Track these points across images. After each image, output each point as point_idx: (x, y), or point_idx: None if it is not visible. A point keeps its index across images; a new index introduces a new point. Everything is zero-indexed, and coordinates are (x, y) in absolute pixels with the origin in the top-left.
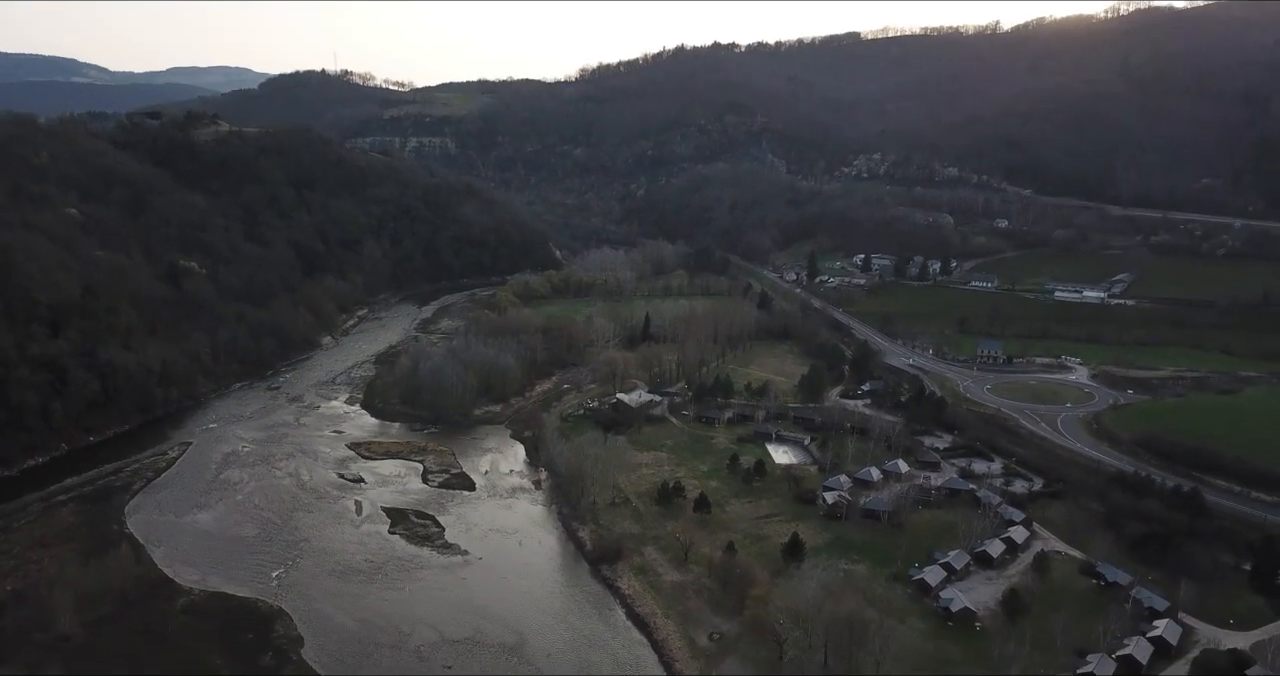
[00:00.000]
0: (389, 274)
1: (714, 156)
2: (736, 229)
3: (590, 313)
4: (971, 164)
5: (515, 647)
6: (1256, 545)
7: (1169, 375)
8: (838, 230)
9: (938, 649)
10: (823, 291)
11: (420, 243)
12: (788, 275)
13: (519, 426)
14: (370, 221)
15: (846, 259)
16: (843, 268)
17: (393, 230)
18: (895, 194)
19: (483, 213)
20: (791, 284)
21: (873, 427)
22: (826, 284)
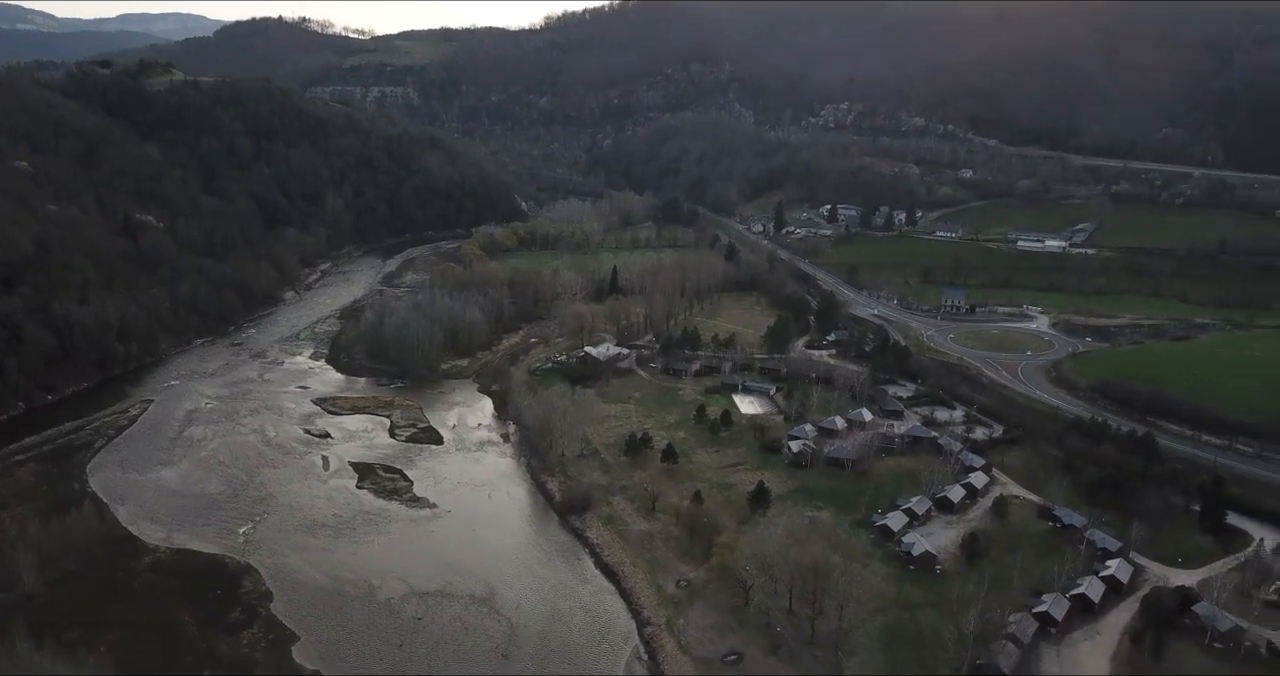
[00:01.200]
0: (352, 227)
1: (681, 106)
2: (704, 180)
3: (557, 265)
4: (938, 114)
5: (485, 598)
6: (1205, 487)
7: (1126, 323)
8: (805, 181)
9: (900, 591)
10: (789, 243)
11: (383, 195)
12: (755, 226)
13: (486, 380)
14: (332, 173)
15: (813, 210)
16: (809, 219)
17: (355, 182)
18: (862, 144)
19: (447, 164)
20: (759, 235)
21: (837, 377)
22: (793, 235)
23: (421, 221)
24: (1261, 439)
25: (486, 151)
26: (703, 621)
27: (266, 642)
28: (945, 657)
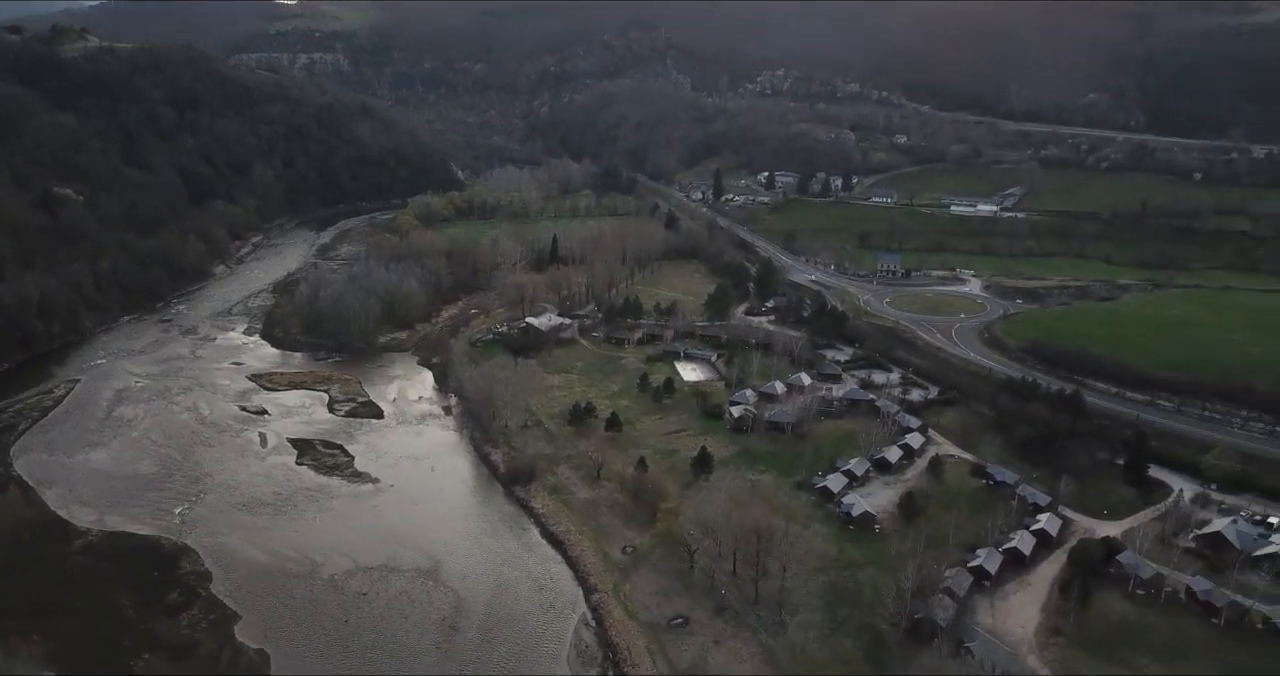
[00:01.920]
0: (283, 198)
1: (618, 73)
2: (642, 147)
3: (496, 235)
4: (873, 81)
5: (431, 571)
6: (1129, 441)
7: (1055, 285)
8: (742, 147)
9: (840, 551)
10: (728, 210)
11: (315, 165)
12: (694, 194)
13: (426, 353)
14: (260, 143)
15: (751, 177)
16: (747, 185)
17: (284, 152)
18: (799, 110)
19: (380, 133)
20: (698, 203)
21: (777, 343)
22: (732, 202)
23: (355, 192)
24: (1180, 394)
25: (421, 120)
26: (648, 586)
27: (207, 623)
28: (884, 613)
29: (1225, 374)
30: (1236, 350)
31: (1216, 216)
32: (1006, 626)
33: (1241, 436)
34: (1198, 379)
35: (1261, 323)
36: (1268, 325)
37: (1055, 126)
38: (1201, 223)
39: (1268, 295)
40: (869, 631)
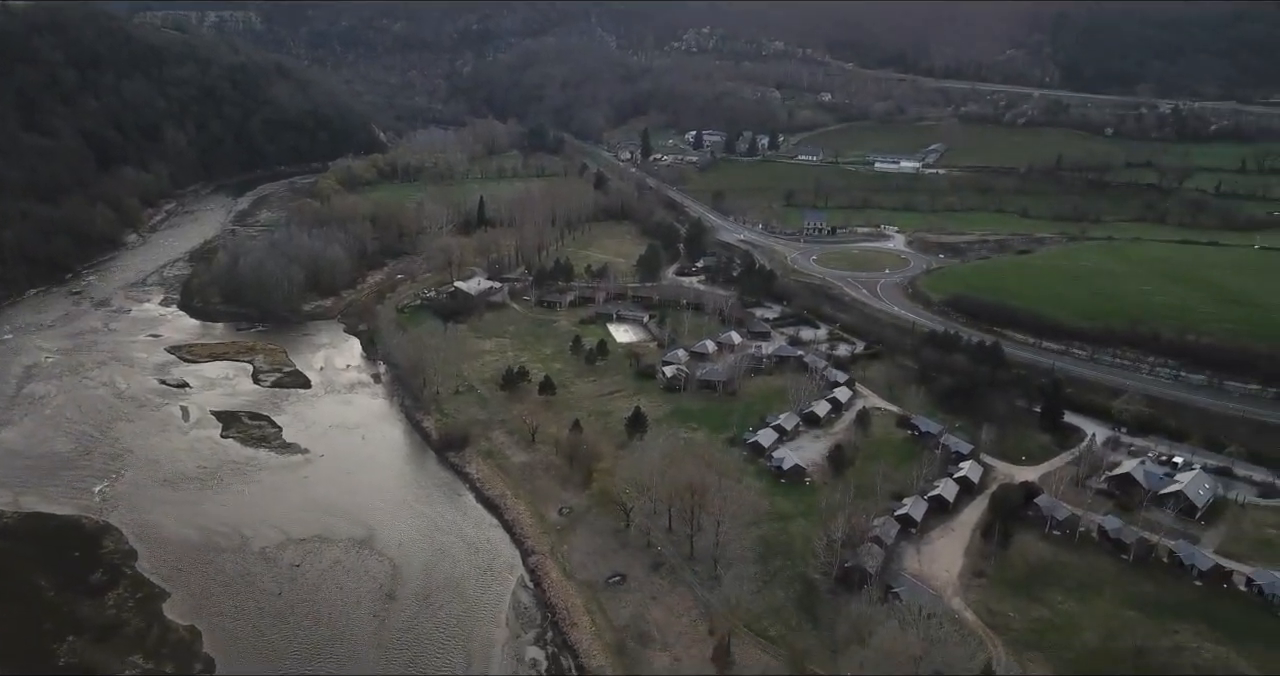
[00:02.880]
0: (197, 163)
1: (542, 31)
2: (569, 107)
3: (421, 198)
4: (797, 38)
5: (365, 540)
6: (1045, 389)
7: (975, 239)
8: (669, 106)
9: (772, 504)
10: (657, 169)
11: (229, 128)
12: (622, 154)
13: (353, 320)
14: (170, 106)
15: (679, 136)
16: (675, 145)
17: (197, 115)
18: (724, 69)
19: (297, 94)
20: (627, 163)
21: (707, 302)
22: (661, 162)
23: (273, 156)
24: (1093, 343)
25: (340, 80)
26: (585, 546)
27: (134, 602)
28: (816, 563)
29: (1134, 322)
30: (1145, 299)
31: (1126, 170)
32: (932, 571)
33: (1149, 381)
34: (1109, 327)
35: (1168, 272)
36: (1173, 275)
37: (974, 83)
38: (1113, 176)
39: (1173, 246)
40: (801, 581)
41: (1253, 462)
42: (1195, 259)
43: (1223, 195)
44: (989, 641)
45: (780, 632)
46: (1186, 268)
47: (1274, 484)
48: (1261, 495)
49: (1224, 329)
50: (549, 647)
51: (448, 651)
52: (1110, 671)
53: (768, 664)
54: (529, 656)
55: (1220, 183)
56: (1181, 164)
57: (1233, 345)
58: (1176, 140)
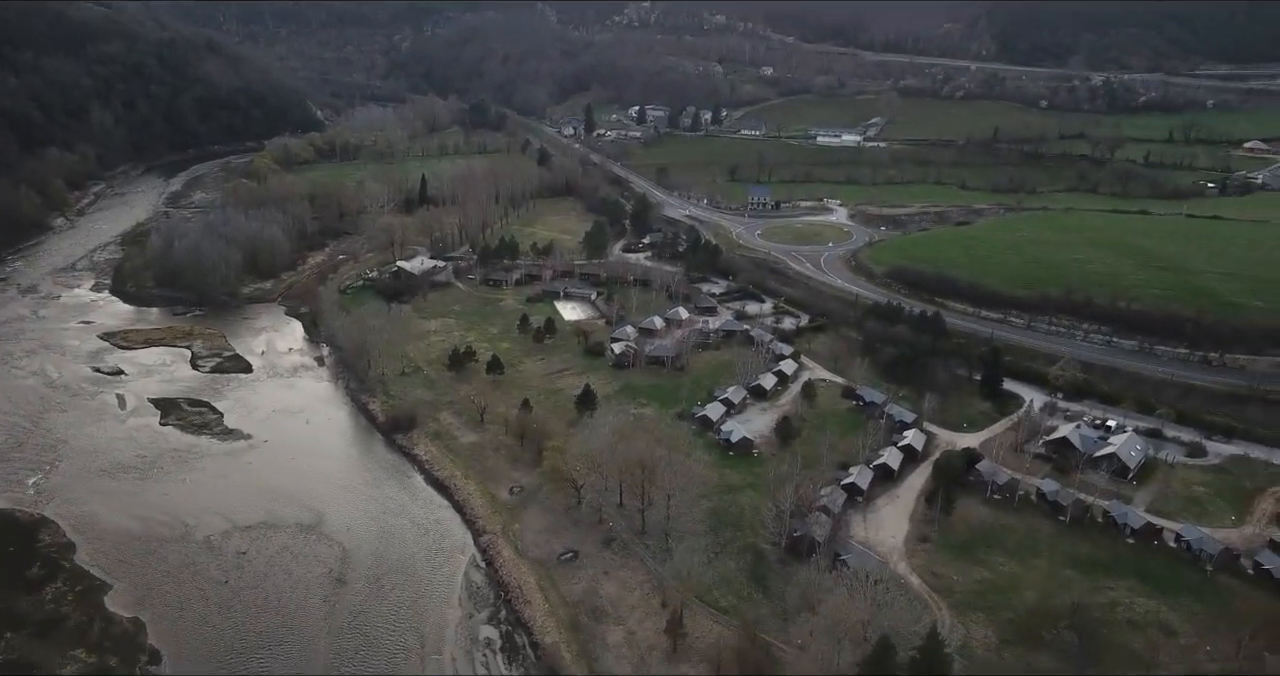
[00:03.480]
0: (126, 144)
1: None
2: (511, 82)
3: (361, 177)
4: (738, 12)
5: (313, 525)
6: (984, 357)
7: (915, 211)
8: (612, 81)
9: (721, 476)
10: (601, 145)
11: (159, 107)
12: (566, 129)
13: (293, 302)
14: (96, 84)
15: (622, 111)
16: (619, 120)
17: (125, 94)
18: (666, 43)
19: (229, 71)
20: (570, 138)
21: (654, 278)
22: (604, 137)
23: (206, 135)
24: (1030, 311)
25: (273, 57)
26: (537, 524)
27: (74, 595)
28: (765, 533)
29: (1069, 290)
30: (1078, 267)
31: (1060, 142)
32: (879, 537)
33: (1083, 347)
34: (1045, 296)
35: (1100, 241)
36: (1105, 243)
37: (913, 57)
38: (1047, 148)
39: (1105, 215)
40: (751, 551)
41: (1181, 424)
42: (1126, 227)
43: (1151, 165)
44: (934, 604)
45: (732, 603)
46: (1117, 236)
47: (1200, 444)
48: (1189, 455)
49: (1153, 295)
50: (502, 626)
51: (400, 633)
52: (1049, 628)
53: (720, 634)
54: (483, 635)
55: (1149, 153)
56: (1112, 135)
57: (1161, 311)
58: (1107, 112)
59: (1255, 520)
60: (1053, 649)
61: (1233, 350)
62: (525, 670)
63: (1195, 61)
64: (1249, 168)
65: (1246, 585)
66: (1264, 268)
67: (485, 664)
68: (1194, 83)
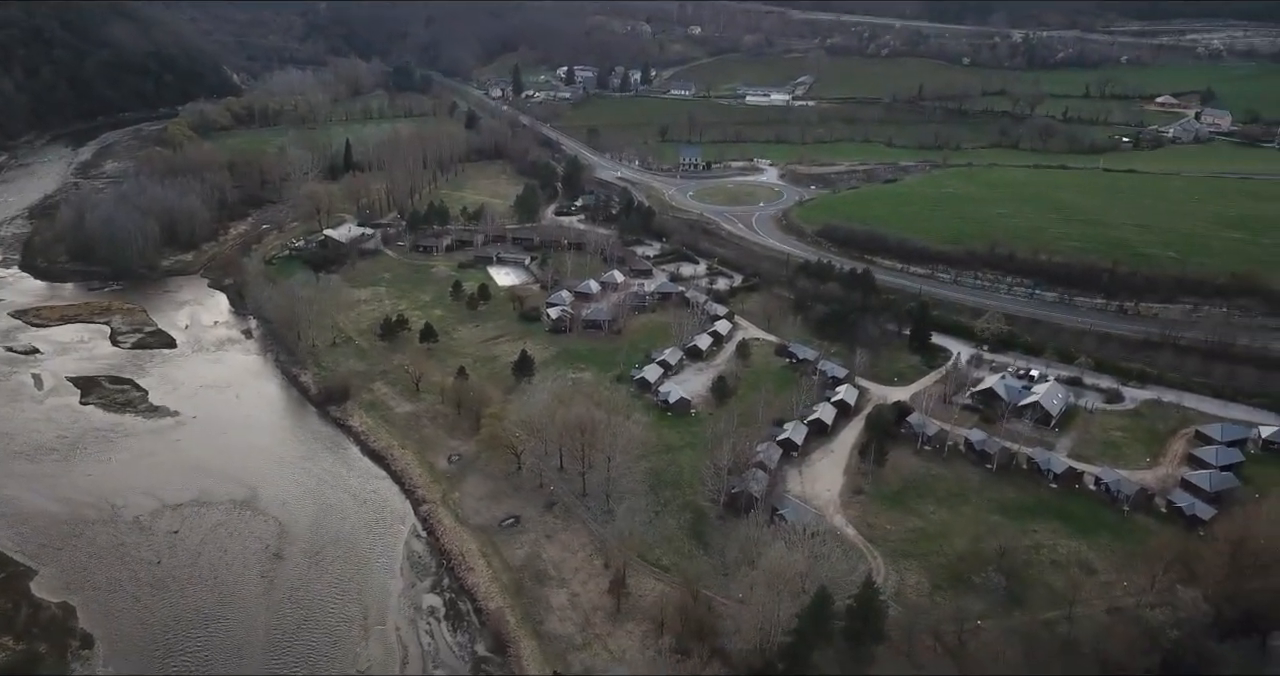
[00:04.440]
0: (29, 112)
1: None
2: (435, 44)
3: (282, 143)
4: None
5: (247, 501)
6: (913, 312)
7: (844, 169)
8: (540, 42)
9: (660, 437)
10: (529, 107)
11: (63, 72)
12: (493, 91)
13: (217, 274)
14: None
15: (550, 72)
16: (547, 81)
17: (25, 60)
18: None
19: (138, 34)
20: (498, 101)
21: (588, 241)
22: (533, 99)
23: (116, 102)
24: (956, 266)
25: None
26: (478, 491)
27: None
28: (704, 490)
29: (993, 244)
30: (1002, 222)
31: (983, 98)
32: (814, 491)
33: (1007, 300)
34: (970, 251)
35: (1021, 196)
36: (1026, 198)
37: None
38: (970, 104)
39: (1027, 170)
40: (691, 509)
41: (1099, 371)
42: (1046, 182)
43: (1070, 121)
44: (869, 553)
45: (673, 560)
46: (1039, 190)
47: (1118, 390)
48: (1107, 401)
49: (1072, 247)
50: (446, 593)
51: (342, 605)
52: (978, 572)
53: (662, 591)
54: (426, 604)
55: (1067, 109)
56: (1032, 91)
57: (1080, 263)
58: (1027, 68)
59: (1168, 461)
60: (981, 591)
61: (1146, 299)
62: (470, 636)
63: (1110, 18)
64: (1160, 122)
65: (1159, 522)
66: (1175, 219)
67: (430, 632)
68: (1109, 39)
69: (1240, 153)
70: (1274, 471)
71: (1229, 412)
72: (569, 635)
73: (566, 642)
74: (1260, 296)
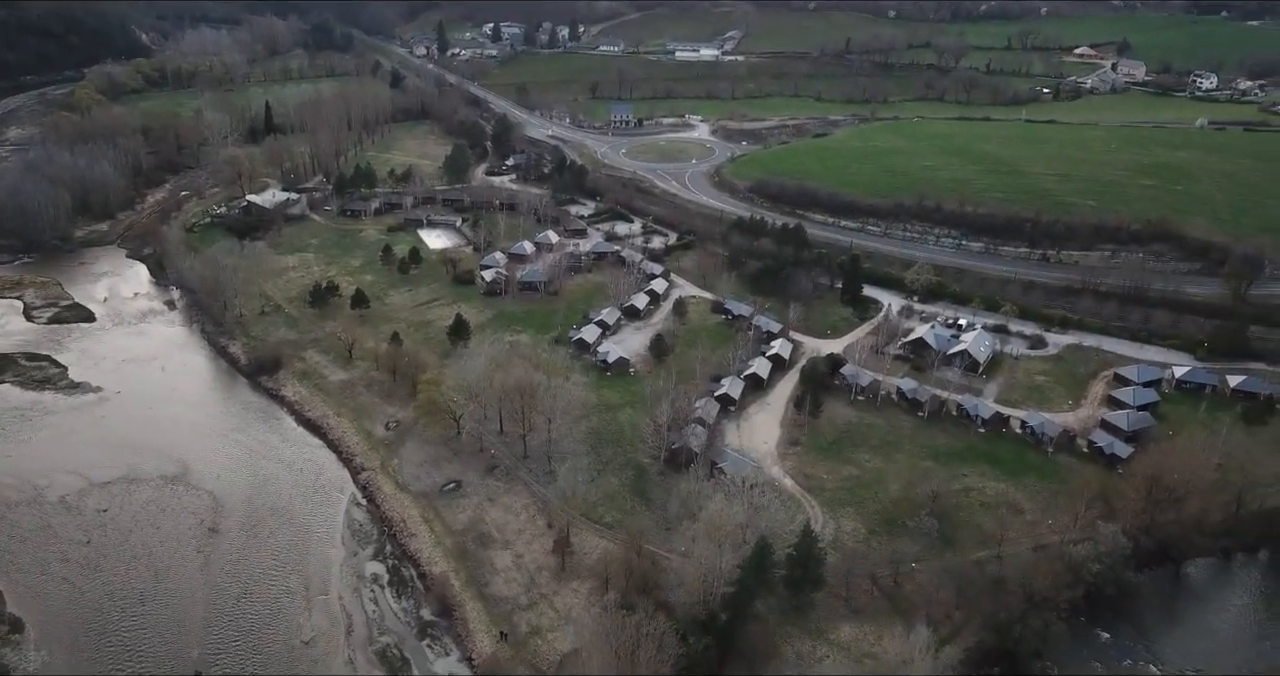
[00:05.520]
0: None
1: None
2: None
3: (198, 105)
4: None
5: (179, 476)
6: (845, 266)
7: (774, 125)
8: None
9: (600, 397)
10: (456, 65)
11: None
12: (418, 50)
13: (136, 244)
14: None
15: (476, 29)
16: (474, 38)
17: None
18: None
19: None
20: (423, 59)
21: (521, 202)
22: (459, 57)
23: (16, 65)
24: (885, 218)
25: None
26: (417, 457)
27: None
28: (645, 448)
29: (920, 196)
30: (929, 174)
31: (909, 51)
32: (752, 443)
33: (935, 251)
34: (899, 203)
35: (947, 148)
36: (952, 150)
37: None
38: (896, 57)
39: (952, 122)
40: (632, 466)
41: (1023, 318)
42: (971, 134)
43: (993, 73)
44: (806, 502)
45: (616, 517)
46: (964, 143)
47: (1041, 336)
48: (1031, 347)
49: (997, 198)
50: (389, 560)
51: (283, 577)
52: (911, 516)
53: (606, 548)
54: (369, 571)
55: (990, 61)
56: (957, 44)
57: (1005, 213)
58: (951, 20)
59: (1088, 403)
60: (915, 534)
61: (1067, 247)
62: (415, 602)
63: None
64: (1079, 73)
65: (1081, 462)
66: (1093, 168)
67: (374, 599)
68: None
69: (1154, 102)
70: (1187, 409)
71: (1145, 355)
72: (514, 596)
73: (512, 603)
74: (1173, 242)
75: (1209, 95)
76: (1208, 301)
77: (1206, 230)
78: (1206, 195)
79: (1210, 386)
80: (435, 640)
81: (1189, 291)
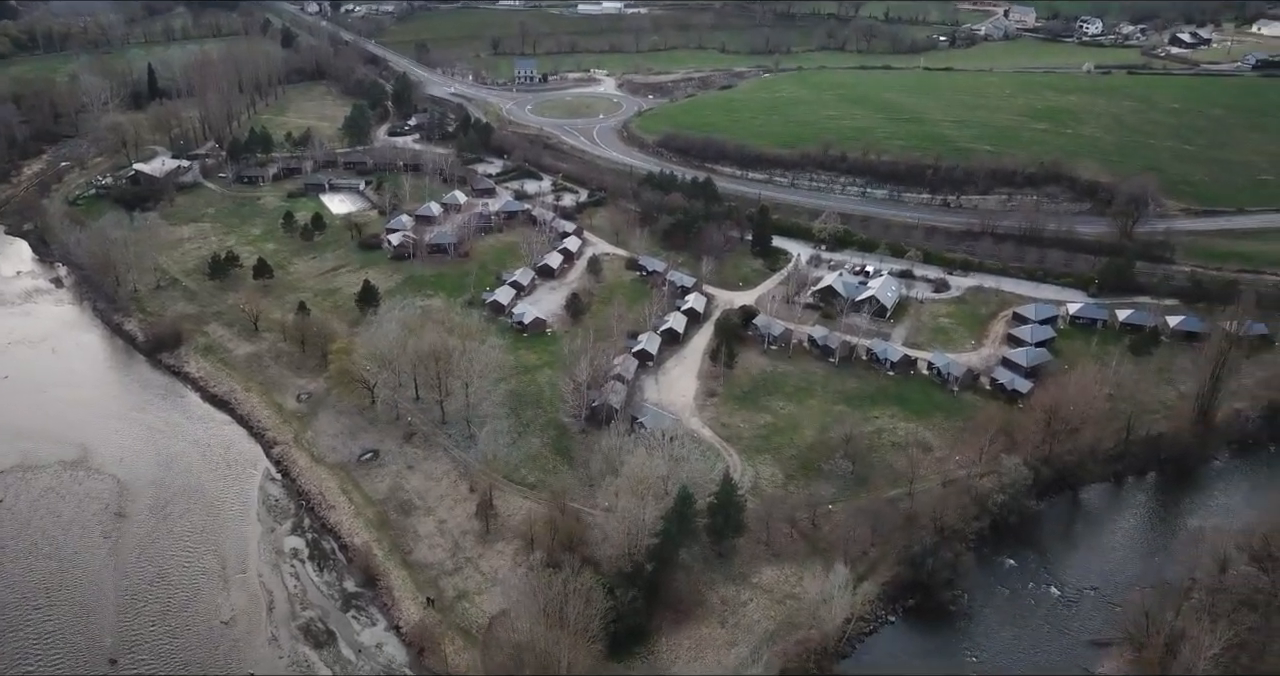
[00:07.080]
0: None
1: None
2: None
3: (73, 70)
4: None
5: (78, 461)
6: (754, 218)
7: (680, 78)
8: None
9: (517, 358)
10: (350, 22)
11: None
12: (309, 6)
13: (14, 219)
14: None
15: None
16: None
17: None
18: None
19: None
20: (315, 16)
21: (426, 162)
22: (353, 13)
23: None
24: (792, 169)
25: None
26: (332, 429)
27: None
28: (565, 407)
29: (825, 146)
30: (833, 124)
31: (810, 2)
32: (670, 397)
33: (842, 200)
34: (805, 153)
35: (850, 97)
36: (855, 99)
37: None
38: (798, 8)
39: (853, 72)
40: (554, 426)
41: (927, 263)
42: (872, 83)
43: (891, 21)
44: (725, 452)
45: (539, 477)
46: (866, 92)
47: (944, 279)
48: (935, 291)
49: (899, 146)
50: (308, 534)
51: (198, 557)
52: (826, 459)
53: (530, 508)
54: (288, 546)
55: (888, 10)
56: None
57: (906, 160)
58: None
59: (990, 342)
60: (830, 477)
61: (966, 192)
62: (338, 574)
63: None
64: (973, 21)
65: (984, 399)
66: (989, 114)
67: (295, 574)
68: None
69: (1044, 47)
70: (1080, 344)
71: (1041, 293)
72: (439, 561)
73: (438, 568)
74: (1065, 183)
75: (1095, 40)
76: (1098, 240)
77: (1095, 171)
78: (1094, 137)
79: (1101, 321)
80: (361, 611)
81: (1080, 231)
